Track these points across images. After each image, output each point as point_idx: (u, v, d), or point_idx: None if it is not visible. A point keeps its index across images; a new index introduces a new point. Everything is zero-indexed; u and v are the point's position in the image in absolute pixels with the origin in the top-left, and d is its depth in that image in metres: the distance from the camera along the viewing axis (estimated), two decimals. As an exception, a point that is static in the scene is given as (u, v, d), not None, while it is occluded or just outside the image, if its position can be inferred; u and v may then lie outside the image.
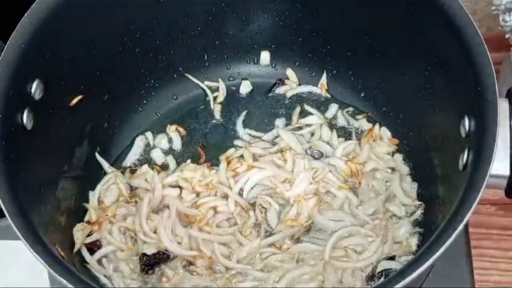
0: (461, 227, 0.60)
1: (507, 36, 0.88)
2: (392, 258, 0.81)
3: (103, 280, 0.80)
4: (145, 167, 0.90)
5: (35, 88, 0.73)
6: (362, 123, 0.95)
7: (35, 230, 0.64)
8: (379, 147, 0.92)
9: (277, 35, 0.97)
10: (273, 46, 0.99)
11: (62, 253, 0.69)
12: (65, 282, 0.59)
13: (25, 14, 0.73)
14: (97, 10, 0.81)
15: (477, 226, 0.89)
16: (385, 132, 0.93)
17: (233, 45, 0.98)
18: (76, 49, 0.80)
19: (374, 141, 0.92)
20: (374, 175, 0.89)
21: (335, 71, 0.98)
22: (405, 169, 0.90)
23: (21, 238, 0.62)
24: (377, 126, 0.93)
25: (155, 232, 0.83)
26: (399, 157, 0.91)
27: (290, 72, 1.00)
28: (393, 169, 0.90)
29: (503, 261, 0.88)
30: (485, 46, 0.68)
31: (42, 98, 0.74)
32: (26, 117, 0.71)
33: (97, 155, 0.90)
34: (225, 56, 0.99)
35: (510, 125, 0.66)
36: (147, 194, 0.85)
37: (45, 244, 0.63)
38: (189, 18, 0.92)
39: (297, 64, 1.00)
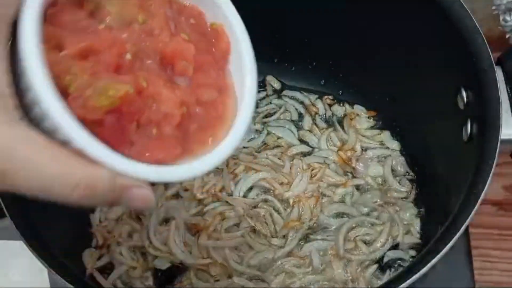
0: (482, 196, 0.60)
1: (507, 36, 0.88)
2: (395, 246, 0.82)
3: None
4: None
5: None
6: (337, 109, 0.96)
7: (35, 230, 0.64)
8: (360, 124, 0.93)
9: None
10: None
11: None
12: (64, 282, 0.59)
13: None
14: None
15: (477, 226, 0.89)
16: (360, 108, 0.95)
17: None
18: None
19: (352, 119, 0.93)
20: (366, 155, 0.90)
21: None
22: (395, 144, 0.91)
23: (21, 238, 0.62)
24: (347, 105, 0.95)
25: (165, 244, 0.82)
26: (386, 133, 0.92)
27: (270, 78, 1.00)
28: (382, 144, 0.92)
29: (504, 261, 0.87)
30: (473, 19, 0.69)
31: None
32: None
33: None
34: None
35: (507, 91, 0.67)
36: (154, 211, 0.84)
37: (45, 244, 0.63)
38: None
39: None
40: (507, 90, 0.67)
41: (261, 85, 0.99)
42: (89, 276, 0.79)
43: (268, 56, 0.98)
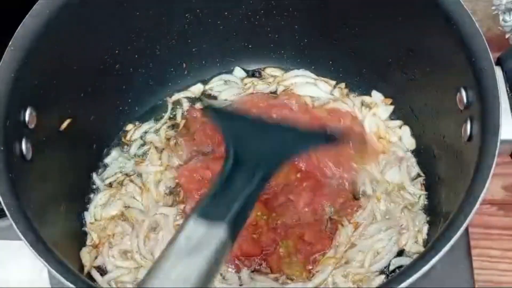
0: (482, 196, 0.60)
1: (507, 36, 0.88)
2: (399, 253, 0.80)
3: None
4: (132, 185, 0.88)
5: (29, 117, 0.71)
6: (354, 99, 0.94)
7: (35, 230, 0.64)
8: (380, 113, 0.91)
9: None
10: (250, 46, 0.98)
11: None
12: (65, 281, 0.59)
13: (9, 43, 0.71)
14: (78, 32, 0.79)
15: (477, 226, 0.89)
16: (377, 95, 0.93)
17: (210, 51, 0.97)
18: (61, 73, 0.78)
19: (371, 108, 0.91)
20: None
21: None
22: (412, 142, 0.89)
23: (22, 238, 0.62)
24: (367, 97, 0.93)
25: (151, 253, 0.81)
26: (406, 129, 0.90)
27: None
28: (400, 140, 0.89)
29: (503, 261, 0.88)
30: (473, 19, 0.69)
31: (36, 126, 0.72)
32: (24, 147, 0.70)
33: (94, 175, 0.89)
34: (203, 62, 0.98)
35: (507, 91, 0.67)
36: (146, 218, 0.84)
37: (46, 243, 0.63)
38: (165, 30, 0.90)
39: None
40: (507, 90, 0.68)
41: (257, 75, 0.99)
42: (87, 275, 0.79)
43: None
